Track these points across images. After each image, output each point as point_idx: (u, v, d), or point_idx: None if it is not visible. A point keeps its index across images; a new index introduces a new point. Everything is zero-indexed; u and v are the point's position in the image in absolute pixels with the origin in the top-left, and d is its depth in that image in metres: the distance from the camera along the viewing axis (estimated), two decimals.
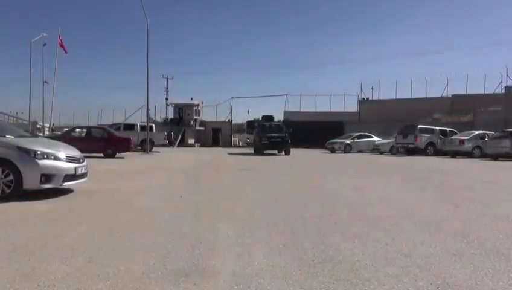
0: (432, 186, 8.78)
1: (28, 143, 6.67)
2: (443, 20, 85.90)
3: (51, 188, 6.61)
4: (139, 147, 24.78)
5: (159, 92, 49.30)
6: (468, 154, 21.61)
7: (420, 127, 24.59)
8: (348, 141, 29.81)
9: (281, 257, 3.55)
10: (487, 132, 22.72)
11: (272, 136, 23.55)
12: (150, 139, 24.72)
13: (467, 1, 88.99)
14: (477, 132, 22.93)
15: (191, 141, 40.39)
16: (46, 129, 33.57)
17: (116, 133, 20.42)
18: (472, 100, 35.07)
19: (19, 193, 6.28)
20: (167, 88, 46.91)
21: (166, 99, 46.32)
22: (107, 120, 40.93)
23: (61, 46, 32.89)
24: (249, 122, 38.68)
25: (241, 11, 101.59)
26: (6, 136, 6.70)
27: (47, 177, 6.44)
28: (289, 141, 23.62)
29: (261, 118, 30.20)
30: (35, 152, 6.41)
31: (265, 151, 24.00)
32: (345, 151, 28.65)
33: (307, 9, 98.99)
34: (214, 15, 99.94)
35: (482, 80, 38.36)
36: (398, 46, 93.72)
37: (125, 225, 4.74)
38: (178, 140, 37.61)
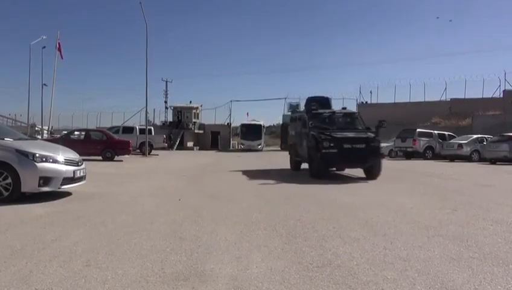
0: (430, 190, 8.78)
1: (26, 146, 6.66)
2: (441, 24, 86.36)
3: (49, 191, 6.61)
4: (138, 150, 24.75)
5: (158, 95, 49.40)
6: (467, 158, 21.64)
7: (419, 131, 24.63)
8: None
9: (279, 260, 3.55)
10: (485, 136, 22.78)
11: (346, 139, 10.85)
12: (149, 142, 24.70)
13: (465, 5, 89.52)
14: (475, 136, 22.96)
15: (189, 144, 40.35)
16: (45, 132, 33.52)
17: (115, 136, 20.40)
18: (470, 104, 35.17)
19: (17, 196, 6.27)
20: (166, 91, 46.91)
21: (165, 102, 46.34)
22: (105, 123, 41.03)
23: (59, 50, 33.07)
24: (242, 125, 38.09)
25: (241, 14, 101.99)
26: (5, 138, 6.68)
27: (45, 180, 6.43)
28: (380, 150, 11.44)
29: (305, 103, 14.38)
30: (33, 155, 6.41)
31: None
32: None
33: (307, 13, 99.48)
34: (214, 18, 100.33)
35: (480, 84, 38.56)
36: (397, 50, 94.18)
37: (123, 228, 4.73)
38: (177, 143, 37.59)
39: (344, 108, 14.21)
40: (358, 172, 11.79)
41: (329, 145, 10.63)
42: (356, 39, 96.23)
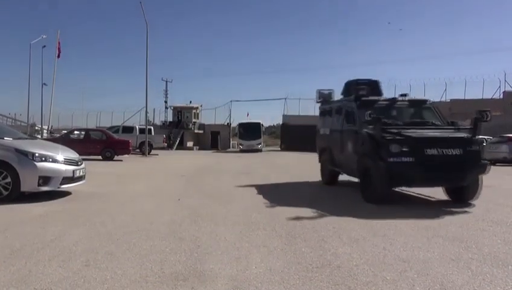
0: (429, 190, 8.77)
1: (26, 145, 6.66)
2: (442, 25, 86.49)
3: (48, 190, 6.60)
4: (138, 150, 24.75)
5: (158, 95, 49.33)
6: None
7: None
8: None
9: (278, 261, 3.54)
10: (485, 137, 22.78)
11: (429, 140, 6.75)
12: (149, 142, 24.69)
13: (466, 7, 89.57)
14: None
15: (189, 144, 40.36)
16: (45, 131, 33.51)
17: (115, 136, 20.39)
18: (470, 105, 35.11)
19: (16, 195, 6.27)
20: (166, 91, 46.87)
21: (165, 102, 46.34)
22: (105, 122, 40.97)
23: (58, 49, 33.14)
24: (240, 124, 37.52)
25: (241, 14, 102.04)
26: (5, 138, 6.69)
27: (45, 179, 6.43)
28: (482, 158, 7.06)
29: (344, 89, 9.58)
30: (33, 154, 6.41)
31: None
32: None
33: (307, 13, 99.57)
34: (214, 18, 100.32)
35: (480, 85, 38.53)
36: (396, 50, 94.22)
37: (122, 228, 4.73)
38: (176, 143, 37.60)
39: (404, 95, 8.84)
40: (431, 191, 7.75)
41: (400, 151, 6.53)
42: (356, 40, 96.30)
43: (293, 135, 37.62)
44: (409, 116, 8.15)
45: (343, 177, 9.35)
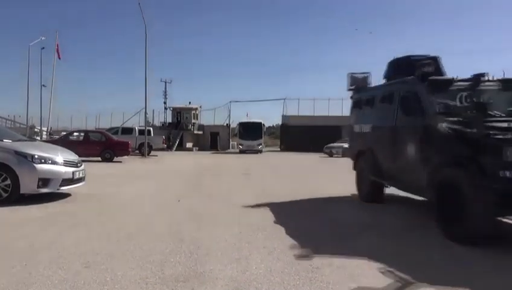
0: None
1: (25, 147, 6.66)
2: (439, 24, 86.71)
3: (48, 192, 6.60)
4: (137, 151, 24.74)
5: (157, 96, 49.31)
6: None
7: None
8: (345, 145, 29.86)
9: (278, 261, 3.54)
10: None
11: None
12: (148, 143, 24.69)
13: (465, 6, 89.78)
14: None
15: (189, 145, 40.33)
16: (44, 133, 33.48)
17: (114, 137, 20.38)
18: None
19: (16, 197, 6.26)
20: (165, 92, 46.85)
21: (165, 103, 46.33)
22: (105, 124, 40.91)
23: (57, 51, 33.19)
24: (241, 123, 36.79)
25: (241, 14, 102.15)
26: (4, 140, 6.68)
27: (44, 181, 6.43)
28: None
29: (389, 69, 7.10)
30: (32, 156, 6.40)
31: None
32: (343, 156, 28.68)
33: (306, 14, 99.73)
34: (213, 18, 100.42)
35: None
36: (394, 50, 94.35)
37: (122, 229, 4.72)
38: (176, 144, 37.59)
39: (482, 74, 5.56)
40: None
41: None
42: (355, 40, 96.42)
43: (293, 136, 37.66)
44: (505, 104, 5.36)
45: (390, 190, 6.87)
